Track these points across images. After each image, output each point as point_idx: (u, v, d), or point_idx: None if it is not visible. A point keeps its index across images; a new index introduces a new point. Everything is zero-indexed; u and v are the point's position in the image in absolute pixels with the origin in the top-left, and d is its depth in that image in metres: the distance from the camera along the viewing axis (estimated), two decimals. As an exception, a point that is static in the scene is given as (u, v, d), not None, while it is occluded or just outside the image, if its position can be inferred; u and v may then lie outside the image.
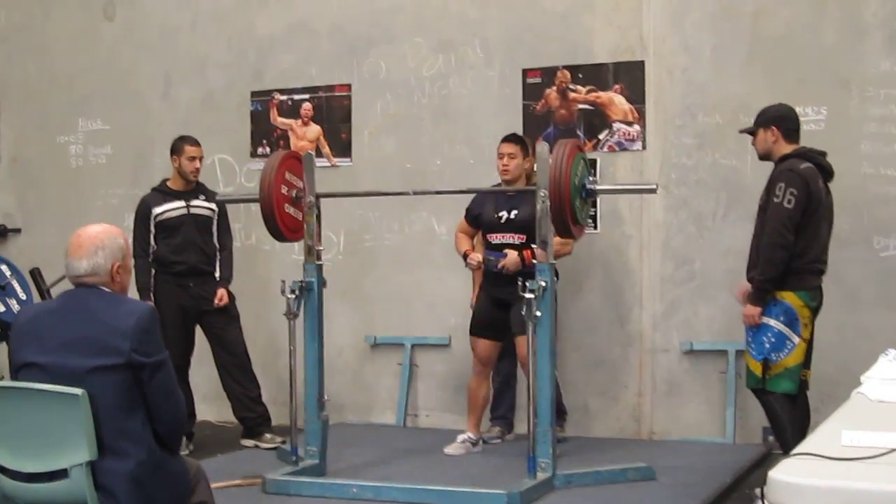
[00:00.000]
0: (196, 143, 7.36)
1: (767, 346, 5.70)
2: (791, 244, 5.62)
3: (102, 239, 3.89)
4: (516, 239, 6.68)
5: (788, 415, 5.69)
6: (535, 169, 6.88)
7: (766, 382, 5.71)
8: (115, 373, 3.70)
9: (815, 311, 5.80)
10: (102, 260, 3.86)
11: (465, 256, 6.91)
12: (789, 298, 5.69)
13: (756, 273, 5.72)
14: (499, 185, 6.93)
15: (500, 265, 6.65)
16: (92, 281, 3.86)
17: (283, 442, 7.08)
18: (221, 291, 7.32)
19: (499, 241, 6.76)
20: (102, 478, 3.68)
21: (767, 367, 5.71)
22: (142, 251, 7.23)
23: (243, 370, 7.47)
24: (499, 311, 6.76)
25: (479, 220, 6.92)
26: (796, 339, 5.69)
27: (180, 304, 7.27)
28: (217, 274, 7.39)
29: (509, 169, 6.74)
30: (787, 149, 5.79)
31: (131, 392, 3.74)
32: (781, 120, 5.83)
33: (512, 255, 6.65)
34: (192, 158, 7.31)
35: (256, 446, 7.38)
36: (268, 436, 7.42)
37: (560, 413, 7.28)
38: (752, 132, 5.93)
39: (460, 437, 6.92)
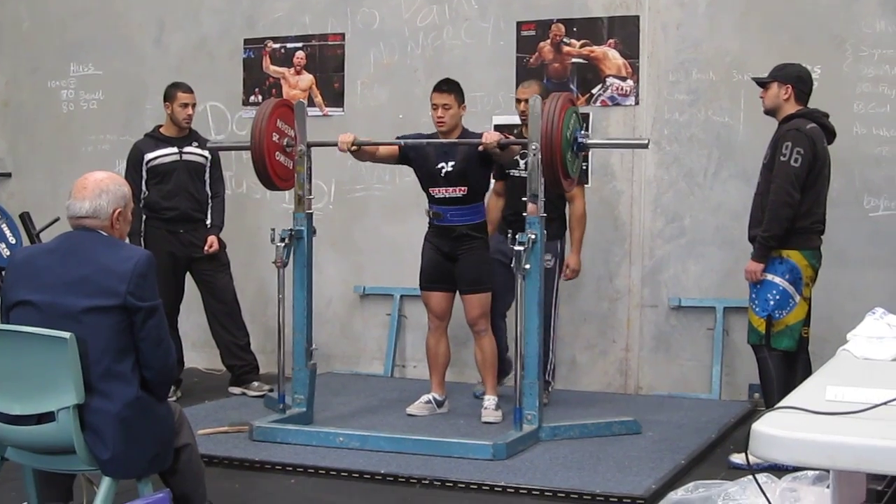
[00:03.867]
0: (189, 89, 7.33)
1: (772, 303, 5.75)
2: (797, 202, 5.65)
3: (108, 184, 3.95)
4: (458, 192, 6.39)
5: (780, 373, 5.75)
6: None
7: (770, 339, 5.77)
8: (109, 314, 3.73)
9: (816, 271, 5.86)
10: (105, 203, 3.89)
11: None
12: (795, 257, 5.74)
13: (760, 230, 5.74)
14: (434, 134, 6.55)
15: (484, 138, 6.17)
16: (91, 224, 3.89)
17: (271, 390, 7.09)
18: (212, 238, 7.32)
19: (441, 196, 6.43)
20: (90, 417, 3.71)
21: (770, 323, 5.76)
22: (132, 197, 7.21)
23: (232, 318, 7.49)
24: (446, 262, 6.54)
25: (419, 170, 6.54)
26: (798, 298, 5.75)
27: (170, 251, 7.25)
28: (208, 221, 7.39)
29: (444, 120, 6.38)
30: (793, 109, 5.80)
31: (124, 335, 3.77)
32: (799, 80, 5.84)
33: (491, 132, 6.30)
34: (185, 105, 7.28)
35: (244, 394, 7.40)
36: (255, 384, 7.44)
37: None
38: (764, 83, 5.91)
39: (423, 398, 6.67)
